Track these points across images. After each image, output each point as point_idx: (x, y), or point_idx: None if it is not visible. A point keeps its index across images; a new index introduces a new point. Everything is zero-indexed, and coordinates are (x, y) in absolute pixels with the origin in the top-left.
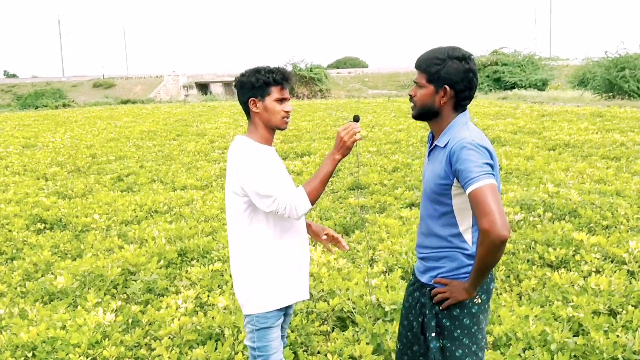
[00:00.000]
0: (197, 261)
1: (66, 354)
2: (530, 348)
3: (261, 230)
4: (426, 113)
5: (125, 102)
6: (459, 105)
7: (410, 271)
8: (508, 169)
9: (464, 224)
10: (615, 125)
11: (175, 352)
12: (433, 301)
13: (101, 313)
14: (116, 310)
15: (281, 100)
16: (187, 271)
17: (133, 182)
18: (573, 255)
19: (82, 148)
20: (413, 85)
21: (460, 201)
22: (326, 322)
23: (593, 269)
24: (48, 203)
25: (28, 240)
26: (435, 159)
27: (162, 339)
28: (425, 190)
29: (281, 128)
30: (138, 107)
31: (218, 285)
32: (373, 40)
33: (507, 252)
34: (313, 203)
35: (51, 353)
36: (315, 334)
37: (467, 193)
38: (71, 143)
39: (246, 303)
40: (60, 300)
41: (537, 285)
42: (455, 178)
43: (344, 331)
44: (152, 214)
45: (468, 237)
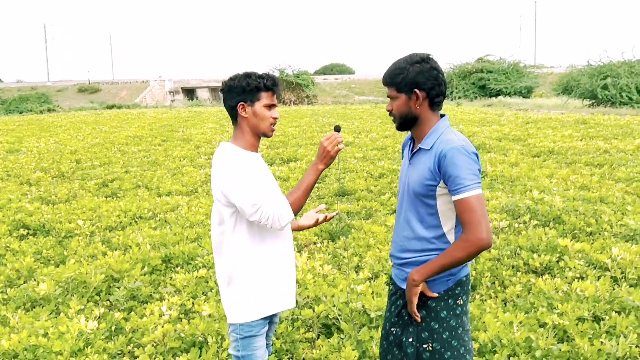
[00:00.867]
0: (182, 268)
1: None
2: (515, 354)
3: (246, 238)
4: (407, 121)
5: (110, 107)
6: (434, 104)
7: None
8: (493, 176)
9: (448, 225)
10: (598, 132)
11: None
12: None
13: (84, 320)
14: (99, 317)
15: (270, 106)
16: (172, 278)
17: (118, 188)
18: (557, 261)
19: (67, 153)
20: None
21: (443, 201)
22: (311, 329)
23: (577, 275)
24: (31, 209)
25: (10, 246)
26: (419, 162)
27: (146, 347)
28: (408, 193)
29: (267, 135)
30: (124, 112)
31: (202, 292)
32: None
33: (492, 259)
34: (296, 213)
35: None
36: (300, 341)
37: (456, 199)
38: (55, 148)
39: (231, 312)
40: (42, 307)
41: (522, 291)
42: (442, 180)
43: (329, 338)
44: (137, 220)
45: (451, 238)
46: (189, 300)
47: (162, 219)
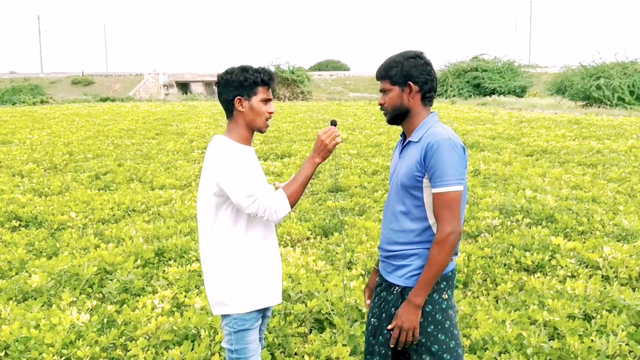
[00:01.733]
0: (175, 261)
1: (39, 354)
2: (506, 352)
3: (236, 232)
4: (398, 115)
5: (104, 100)
6: (426, 98)
7: None
8: (486, 174)
9: (433, 217)
10: (592, 132)
11: (151, 353)
12: (402, 300)
13: (76, 313)
14: (91, 309)
15: (266, 100)
16: (165, 271)
17: (111, 181)
18: (549, 260)
19: (60, 145)
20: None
21: (429, 194)
22: (304, 324)
23: (568, 274)
24: (24, 200)
25: (2, 237)
26: (408, 155)
27: (138, 340)
28: (396, 186)
29: (262, 130)
30: (117, 105)
31: (195, 285)
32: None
33: (485, 257)
34: (292, 206)
35: (24, 352)
36: (292, 336)
37: (435, 192)
38: (48, 140)
39: (228, 303)
40: (34, 299)
41: (514, 289)
42: (426, 171)
43: (322, 333)
44: (130, 213)
45: (436, 231)
46: (182, 293)
47: (155, 213)
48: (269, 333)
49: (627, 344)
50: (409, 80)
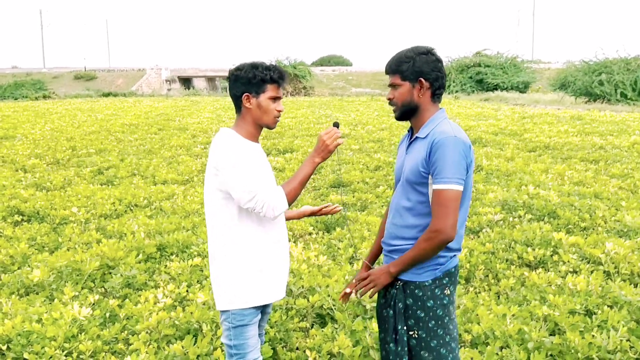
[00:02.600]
0: (177, 256)
1: (42, 348)
2: (507, 346)
3: (246, 227)
4: (408, 111)
5: (106, 95)
6: (435, 95)
7: None
8: (489, 170)
9: None
10: (594, 128)
11: (152, 347)
12: (405, 294)
13: (78, 307)
14: (93, 304)
15: (275, 98)
16: (167, 266)
17: (113, 176)
18: (551, 255)
19: (62, 140)
20: (389, 89)
21: None
22: (305, 319)
23: (570, 270)
24: (26, 195)
25: (4, 232)
26: (414, 151)
27: (140, 334)
28: (402, 182)
29: (271, 127)
30: (120, 100)
31: (197, 280)
32: (357, 39)
33: (487, 252)
34: (290, 204)
35: (26, 346)
36: (294, 330)
37: (434, 188)
38: (51, 135)
39: (229, 298)
40: (36, 293)
41: (516, 284)
42: (429, 167)
43: (323, 328)
44: (132, 208)
45: None
46: (184, 288)
47: (158, 208)
48: (271, 328)
49: (628, 340)
50: (420, 76)
